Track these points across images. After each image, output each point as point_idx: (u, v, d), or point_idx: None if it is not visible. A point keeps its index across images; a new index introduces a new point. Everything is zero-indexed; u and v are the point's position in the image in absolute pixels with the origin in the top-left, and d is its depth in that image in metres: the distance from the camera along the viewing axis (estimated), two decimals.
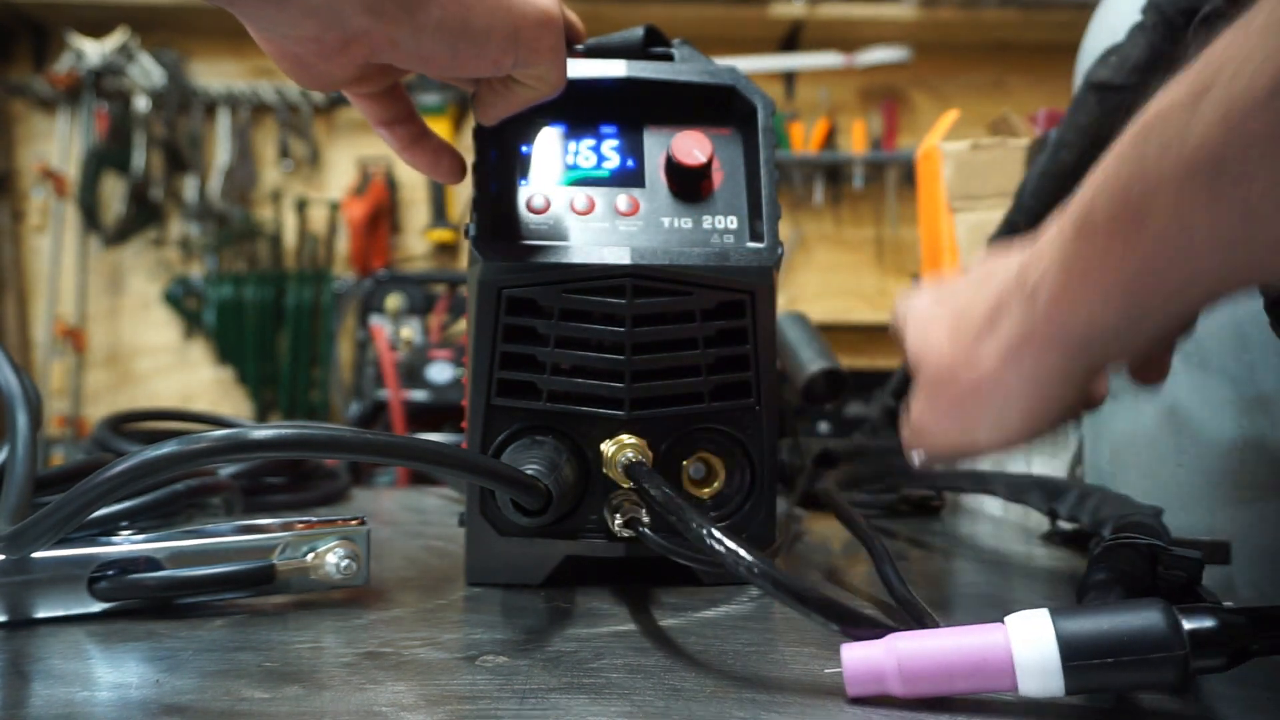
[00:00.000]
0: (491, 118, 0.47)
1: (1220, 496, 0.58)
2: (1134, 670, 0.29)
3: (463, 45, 0.42)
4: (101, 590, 0.41)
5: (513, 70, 0.44)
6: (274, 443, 0.34)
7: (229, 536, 0.44)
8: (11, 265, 2.53)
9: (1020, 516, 0.83)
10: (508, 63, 0.43)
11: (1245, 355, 0.58)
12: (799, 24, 2.44)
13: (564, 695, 0.32)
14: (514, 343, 0.47)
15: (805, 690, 0.33)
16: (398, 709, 0.30)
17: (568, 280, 0.46)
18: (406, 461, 0.39)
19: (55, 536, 0.36)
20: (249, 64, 2.53)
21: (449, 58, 0.42)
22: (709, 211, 0.49)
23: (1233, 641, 0.29)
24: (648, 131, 0.51)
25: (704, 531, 0.36)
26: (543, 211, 0.48)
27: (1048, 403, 0.35)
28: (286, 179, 2.56)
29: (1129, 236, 0.29)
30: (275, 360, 2.50)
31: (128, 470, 0.33)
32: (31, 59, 2.55)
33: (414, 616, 0.43)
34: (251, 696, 0.31)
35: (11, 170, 2.53)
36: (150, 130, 2.46)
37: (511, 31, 0.42)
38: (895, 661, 0.30)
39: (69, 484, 0.48)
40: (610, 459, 0.46)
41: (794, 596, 0.34)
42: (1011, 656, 0.29)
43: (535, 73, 0.44)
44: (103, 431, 0.71)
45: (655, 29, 0.53)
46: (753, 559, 0.35)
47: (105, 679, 0.33)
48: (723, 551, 0.36)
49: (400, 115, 0.48)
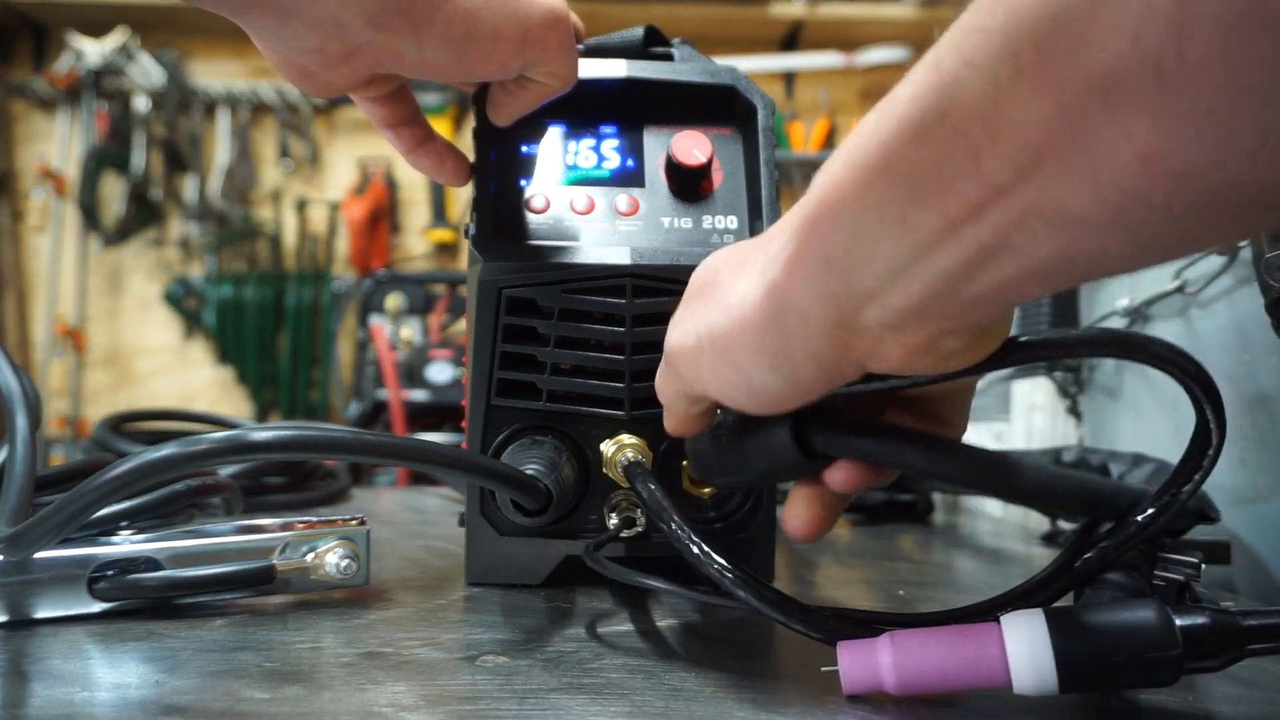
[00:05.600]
0: (505, 117, 0.47)
1: (1220, 496, 0.58)
2: (1128, 669, 0.29)
3: (469, 52, 0.41)
4: (101, 590, 0.41)
5: (524, 70, 0.44)
6: (274, 444, 0.34)
7: (229, 536, 0.44)
8: (11, 265, 2.53)
9: (1020, 516, 0.83)
10: (517, 65, 0.43)
11: (1245, 355, 0.58)
12: (799, 24, 2.44)
13: (564, 695, 0.32)
14: (514, 343, 0.47)
15: (804, 689, 0.33)
16: (398, 709, 0.30)
17: (568, 280, 0.46)
18: (408, 462, 0.39)
19: (56, 537, 0.36)
20: (249, 64, 2.53)
21: (456, 65, 0.42)
22: (709, 211, 0.49)
23: (1226, 640, 0.29)
24: (648, 131, 0.51)
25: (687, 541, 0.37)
26: (543, 211, 0.48)
27: (774, 359, 0.30)
28: (286, 179, 2.56)
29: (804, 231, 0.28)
30: (275, 360, 2.50)
31: (129, 472, 0.33)
32: (31, 59, 2.55)
33: (414, 616, 0.43)
34: (251, 696, 0.31)
35: (11, 170, 2.53)
36: (150, 130, 2.46)
37: (519, 34, 0.42)
38: (890, 660, 0.31)
39: (69, 484, 0.49)
40: (610, 459, 0.47)
41: (777, 609, 0.34)
42: (1006, 655, 0.29)
43: (547, 70, 0.44)
44: (102, 432, 0.71)
45: (655, 29, 0.53)
46: (733, 572, 0.35)
47: (105, 679, 0.33)
48: (701, 559, 0.36)
49: (406, 117, 0.48)
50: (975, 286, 0.25)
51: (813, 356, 0.29)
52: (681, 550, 0.37)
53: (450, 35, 0.40)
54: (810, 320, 0.28)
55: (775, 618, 0.34)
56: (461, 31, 0.41)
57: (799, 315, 0.28)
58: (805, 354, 0.29)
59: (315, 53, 0.40)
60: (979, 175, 0.22)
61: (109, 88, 2.45)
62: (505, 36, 0.42)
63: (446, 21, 0.40)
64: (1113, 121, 0.20)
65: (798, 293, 0.28)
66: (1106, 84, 0.19)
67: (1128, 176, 0.20)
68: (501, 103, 0.47)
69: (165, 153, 2.49)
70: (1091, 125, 0.20)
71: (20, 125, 2.54)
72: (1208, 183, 0.20)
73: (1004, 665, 0.29)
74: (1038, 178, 0.21)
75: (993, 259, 0.24)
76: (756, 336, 0.30)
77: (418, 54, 0.41)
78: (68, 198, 2.48)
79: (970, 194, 0.23)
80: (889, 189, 0.24)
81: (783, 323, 0.29)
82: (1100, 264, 0.24)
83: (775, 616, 0.34)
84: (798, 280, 0.28)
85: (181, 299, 2.52)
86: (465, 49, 0.41)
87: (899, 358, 0.28)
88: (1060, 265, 0.23)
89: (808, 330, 0.29)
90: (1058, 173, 0.21)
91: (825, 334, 0.28)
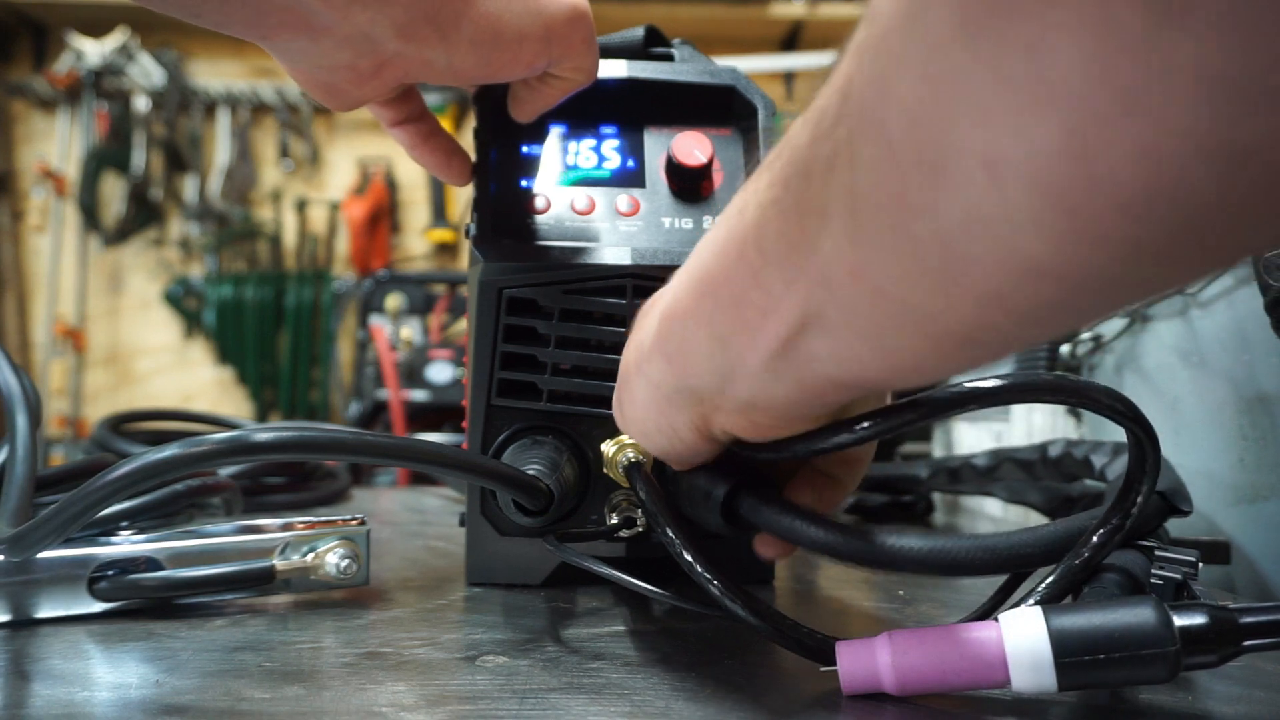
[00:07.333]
0: (529, 114, 0.47)
1: (1220, 496, 0.58)
2: (1126, 666, 0.29)
3: (496, 56, 0.41)
4: (101, 590, 0.41)
5: (548, 68, 0.44)
6: (277, 445, 0.34)
7: (229, 536, 0.44)
8: (11, 265, 2.53)
9: (1020, 516, 0.83)
10: (542, 64, 0.43)
11: (1245, 355, 0.58)
12: (799, 24, 2.44)
13: (564, 695, 0.32)
14: (515, 343, 0.47)
15: (804, 689, 0.33)
16: (398, 709, 0.30)
17: (569, 280, 0.46)
18: (410, 463, 0.39)
19: (58, 539, 0.36)
20: (249, 64, 2.53)
21: (482, 69, 0.42)
22: (709, 212, 0.49)
23: (1224, 637, 0.29)
24: (648, 132, 0.51)
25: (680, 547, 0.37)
26: (543, 211, 0.48)
27: (659, 424, 0.34)
28: (286, 179, 2.56)
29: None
30: (275, 360, 2.50)
31: (132, 473, 0.33)
32: (31, 59, 2.55)
33: (414, 616, 0.43)
34: (251, 696, 0.31)
35: (11, 170, 2.53)
36: (150, 130, 2.46)
37: (544, 34, 0.42)
38: (889, 659, 0.31)
39: (69, 484, 0.49)
40: (611, 459, 0.46)
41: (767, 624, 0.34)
42: (1004, 653, 0.29)
43: (571, 66, 0.44)
44: (103, 432, 0.71)
45: (656, 29, 0.53)
46: (726, 585, 0.35)
47: (105, 679, 0.33)
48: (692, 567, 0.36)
49: (412, 114, 0.48)
50: (782, 387, 0.28)
51: (688, 425, 0.33)
52: (674, 555, 0.37)
53: (478, 41, 0.41)
54: (673, 400, 0.32)
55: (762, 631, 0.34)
56: (489, 36, 0.41)
57: (664, 393, 0.33)
58: (682, 422, 0.33)
59: (346, 69, 0.40)
60: (759, 288, 0.26)
61: (109, 88, 2.45)
62: (531, 37, 0.42)
63: (473, 28, 0.40)
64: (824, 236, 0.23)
65: (657, 377, 0.32)
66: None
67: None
68: (525, 99, 0.47)
69: (165, 153, 2.49)
70: (811, 240, 0.23)
71: (20, 125, 2.55)
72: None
73: (1002, 664, 0.29)
74: (799, 289, 0.25)
75: (786, 361, 0.27)
76: (643, 406, 0.34)
77: (447, 62, 0.41)
78: (68, 198, 2.48)
79: (757, 303, 0.26)
80: (707, 301, 0.28)
81: (655, 395, 0.33)
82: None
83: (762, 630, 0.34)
84: (655, 370, 0.32)
85: (181, 299, 2.52)
86: (492, 53, 0.41)
87: (755, 432, 0.32)
88: (842, 368, 0.26)
89: (674, 406, 0.33)
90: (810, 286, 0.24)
91: (685, 410, 0.32)
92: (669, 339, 0.31)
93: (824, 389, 0.27)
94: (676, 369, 0.31)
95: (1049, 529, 0.35)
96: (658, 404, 0.33)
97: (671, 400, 0.33)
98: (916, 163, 0.19)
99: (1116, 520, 0.34)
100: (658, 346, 0.32)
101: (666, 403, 0.33)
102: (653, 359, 0.32)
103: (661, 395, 0.33)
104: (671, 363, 0.31)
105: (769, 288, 0.25)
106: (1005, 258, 0.19)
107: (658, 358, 0.32)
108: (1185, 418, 0.61)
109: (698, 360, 0.30)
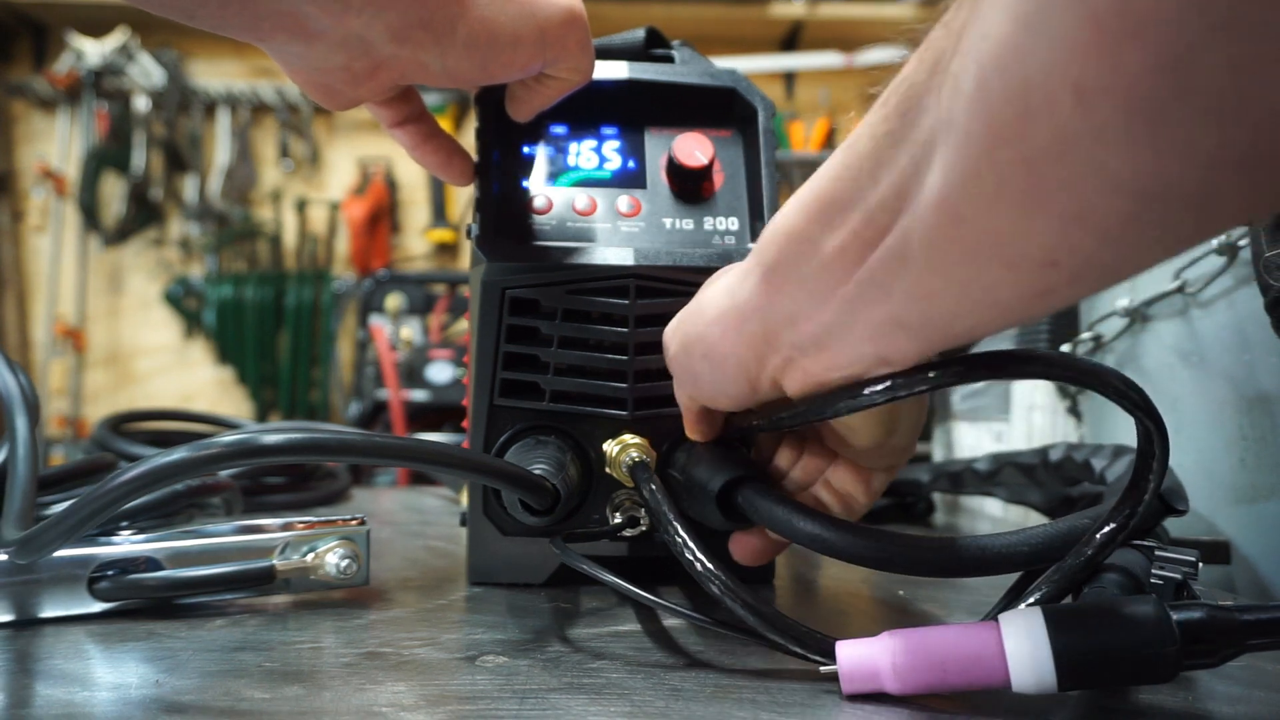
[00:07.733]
0: (526, 114, 0.48)
1: (1220, 496, 0.58)
2: (1126, 665, 0.29)
3: (491, 59, 0.42)
4: (102, 590, 0.41)
5: (544, 69, 0.44)
6: (285, 448, 0.34)
7: (229, 536, 0.44)
8: (11, 265, 2.53)
9: (1020, 516, 0.83)
10: (537, 66, 0.43)
11: (1245, 355, 0.58)
12: (799, 24, 2.44)
13: (564, 695, 0.32)
14: (517, 343, 0.47)
15: (804, 689, 0.33)
16: (398, 709, 0.30)
17: (571, 281, 0.46)
18: (418, 464, 0.39)
19: (65, 542, 0.36)
20: (249, 64, 2.53)
21: (479, 72, 0.42)
22: (710, 213, 0.49)
23: (1224, 636, 0.29)
24: (649, 133, 0.51)
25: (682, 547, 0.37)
26: (545, 212, 0.48)
27: (720, 348, 0.35)
28: (286, 179, 2.56)
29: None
30: (275, 360, 2.50)
31: (139, 476, 0.33)
32: (31, 59, 2.55)
33: (414, 616, 0.43)
34: (251, 696, 0.31)
35: (11, 170, 2.53)
36: (150, 130, 2.46)
37: (539, 36, 0.42)
38: (889, 659, 0.31)
39: (70, 483, 0.49)
40: (614, 459, 0.47)
41: (767, 623, 0.34)
42: (1005, 653, 0.29)
43: (567, 67, 0.44)
44: (103, 432, 0.71)
45: (656, 31, 0.53)
46: (729, 584, 0.35)
47: (105, 679, 0.33)
48: (698, 569, 0.36)
49: (412, 115, 0.48)
50: (851, 331, 0.30)
51: (747, 361, 0.34)
52: (676, 554, 0.37)
53: (472, 44, 0.41)
54: (742, 330, 0.34)
55: (763, 633, 0.34)
56: (483, 39, 0.41)
57: (741, 314, 0.34)
58: (742, 357, 0.34)
59: (341, 71, 0.41)
60: (865, 214, 0.27)
61: (109, 88, 2.45)
62: (525, 40, 0.42)
63: (468, 31, 0.40)
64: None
65: (744, 295, 0.33)
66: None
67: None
68: (522, 99, 0.47)
69: (165, 153, 2.49)
70: (918, 171, 0.25)
71: (20, 125, 2.55)
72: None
73: (1003, 663, 0.29)
74: (901, 220, 0.26)
75: (864, 297, 0.28)
76: (708, 335, 0.35)
77: (441, 65, 0.41)
78: (68, 198, 2.48)
79: (860, 231, 0.28)
80: (816, 223, 0.30)
81: (723, 323, 0.34)
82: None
83: (764, 632, 0.34)
84: (745, 287, 0.33)
85: (181, 299, 2.52)
86: (487, 56, 0.41)
87: (803, 381, 0.33)
88: (911, 306, 0.28)
89: (742, 336, 0.34)
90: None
91: (751, 346, 0.33)
92: (769, 250, 0.32)
93: (887, 333, 0.29)
94: (767, 287, 0.32)
95: (1047, 529, 0.35)
96: (723, 326, 0.34)
97: (740, 330, 0.34)
98: (1004, 93, 0.21)
99: (1124, 515, 0.33)
100: (757, 257, 0.33)
101: (735, 331, 0.34)
102: (749, 275, 0.33)
103: (737, 315, 0.34)
104: (767, 279, 0.32)
105: (873, 216, 0.27)
106: (1091, 175, 0.21)
107: (755, 271, 0.33)
108: (1185, 418, 0.61)
109: (792, 282, 0.31)
